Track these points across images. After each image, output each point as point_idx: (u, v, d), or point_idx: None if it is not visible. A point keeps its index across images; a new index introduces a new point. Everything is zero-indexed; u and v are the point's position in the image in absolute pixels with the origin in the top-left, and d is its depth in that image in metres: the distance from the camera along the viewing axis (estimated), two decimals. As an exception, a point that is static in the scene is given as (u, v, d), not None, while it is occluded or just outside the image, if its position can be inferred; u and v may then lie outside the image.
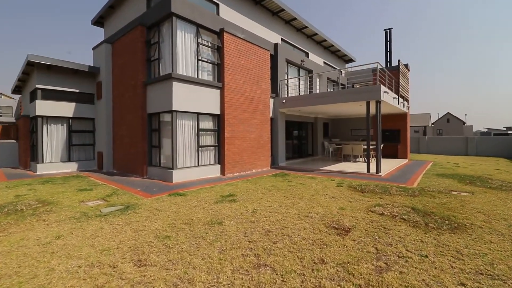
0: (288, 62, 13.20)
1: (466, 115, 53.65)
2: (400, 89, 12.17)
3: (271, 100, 12.03)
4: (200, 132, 8.92)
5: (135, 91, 9.14)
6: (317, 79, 16.00)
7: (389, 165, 11.67)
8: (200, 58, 8.96)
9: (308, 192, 6.63)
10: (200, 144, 8.90)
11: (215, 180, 8.33)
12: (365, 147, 12.66)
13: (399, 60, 11.86)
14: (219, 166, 9.36)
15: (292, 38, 14.05)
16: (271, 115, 11.93)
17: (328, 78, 16.99)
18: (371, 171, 9.54)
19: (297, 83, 14.26)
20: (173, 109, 7.91)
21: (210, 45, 9.30)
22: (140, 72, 8.95)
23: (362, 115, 16.50)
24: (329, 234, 3.83)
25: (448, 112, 54.08)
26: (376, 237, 3.70)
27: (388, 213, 4.81)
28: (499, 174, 9.60)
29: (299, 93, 14.00)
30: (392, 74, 12.47)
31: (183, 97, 8.21)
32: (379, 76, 9.52)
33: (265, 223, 4.32)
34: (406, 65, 13.88)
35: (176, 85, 7.96)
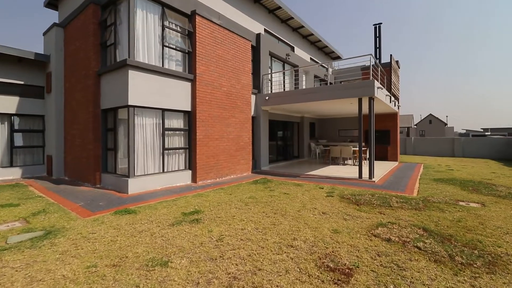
0: (272, 55, 12.03)
1: (447, 116, 55.05)
2: (392, 87, 11.29)
3: (253, 97, 10.77)
4: (166, 132, 7.50)
5: (87, 82, 7.58)
6: (303, 76, 14.93)
7: (380, 169, 10.72)
8: (166, 44, 7.55)
9: (293, 205, 5.41)
10: (166, 147, 7.48)
11: (182, 190, 6.94)
12: (355, 149, 11.69)
13: (391, 55, 10.99)
14: (190, 172, 7.97)
15: (276, 30, 12.85)
16: (252, 113, 10.67)
17: (315, 76, 15.98)
18: (363, 176, 8.50)
19: (282, 79, 13.10)
20: (129, 103, 6.44)
21: (179, 29, 7.90)
22: (92, 59, 7.39)
23: (351, 115, 15.61)
24: (323, 281, 2.60)
25: (430, 114, 55.16)
26: (391, 287, 2.51)
27: (397, 238, 3.67)
28: (498, 179, 8.86)
29: (284, 90, 12.83)
30: (384, 71, 11.58)
31: (144, 90, 6.77)
32: (372, 71, 8.50)
33: (231, 261, 3.03)
34: (396, 62, 13.07)
35: (133, 74, 6.51)
